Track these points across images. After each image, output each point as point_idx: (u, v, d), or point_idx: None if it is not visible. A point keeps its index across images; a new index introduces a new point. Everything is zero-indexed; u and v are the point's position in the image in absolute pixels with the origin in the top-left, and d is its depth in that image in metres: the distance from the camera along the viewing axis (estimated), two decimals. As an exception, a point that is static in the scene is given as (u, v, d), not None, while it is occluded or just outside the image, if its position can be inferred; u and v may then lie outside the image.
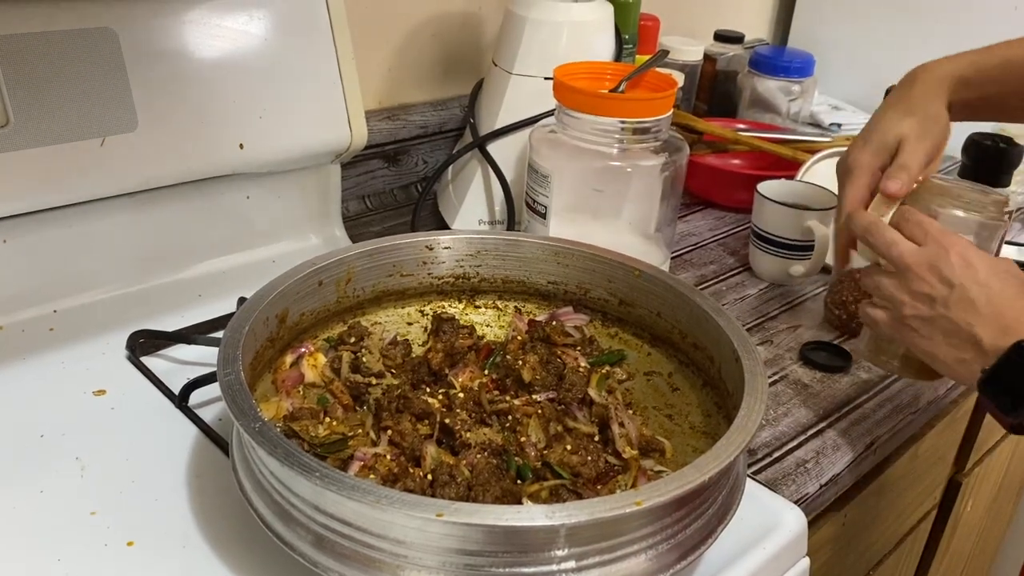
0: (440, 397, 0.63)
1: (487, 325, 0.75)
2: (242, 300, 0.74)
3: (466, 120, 1.03)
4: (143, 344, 0.74)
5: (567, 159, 0.84)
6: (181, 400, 0.67)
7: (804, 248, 0.91)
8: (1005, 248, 0.96)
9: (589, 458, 0.57)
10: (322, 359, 0.65)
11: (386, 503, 0.44)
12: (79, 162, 0.72)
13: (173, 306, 0.79)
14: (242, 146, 0.81)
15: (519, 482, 0.56)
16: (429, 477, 0.54)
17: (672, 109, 0.83)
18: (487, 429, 0.60)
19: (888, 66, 0.83)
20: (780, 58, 1.30)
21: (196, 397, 0.67)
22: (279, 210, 0.90)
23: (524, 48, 0.93)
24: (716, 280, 0.96)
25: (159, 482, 0.60)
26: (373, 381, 0.64)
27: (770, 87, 1.31)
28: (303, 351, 0.65)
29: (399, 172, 1.09)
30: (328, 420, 0.60)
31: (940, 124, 0.70)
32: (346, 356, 0.65)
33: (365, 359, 0.65)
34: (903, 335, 0.63)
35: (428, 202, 1.05)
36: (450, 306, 0.75)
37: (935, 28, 1.40)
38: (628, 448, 0.60)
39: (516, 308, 0.75)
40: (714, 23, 1.44)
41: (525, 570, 0.46)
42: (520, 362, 0.65)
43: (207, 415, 0.66)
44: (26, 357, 0.71)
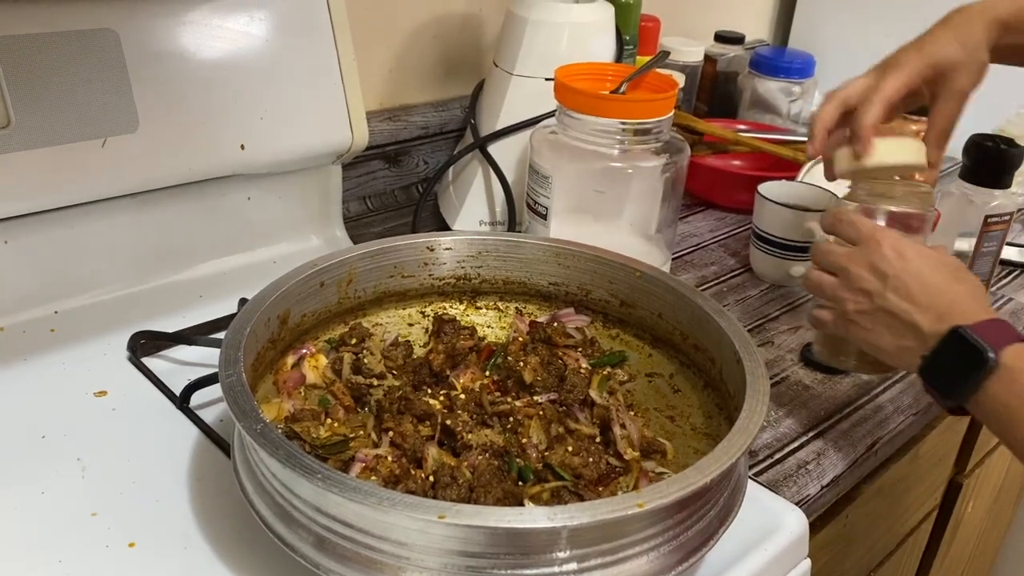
0: (441, 398, 0.63)
1: (488, 326, 0.75)
2: (243, 301, 0.75)
3: (467, 121, 1.03)
4: (144, 345, 0.74)
5: (568, 160, 0.84)
6: (182, 401, 0.67)
7: (805, 249, 0.91)
8: (1006, 249, 0.96)
9: (591, 459, 0.57)
10: (323, 360, 0.65)
11: (388, 505, 0.44)
12: (80, 163, 0.72)
13: (174, 307, 0.79)
14: (243, 147, 0.81)
15: (520, 484, 0.56)
16: (431, 479, 0.54)
17: (673, 110, 0.83)
18: (488, 430, 0.59)
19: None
20: (780, 59, 1.30)
21: (197, 398, 0.67)
22: (280, 211, 0.90)
23: (525, 49, 0.93)
24: (717, 281, 0.96)
25: (160, 483, 0.60)
26: (374, 382, 0.64)
27: (771, 88, 1.31)
28: (304, 352, 0.65)
29: (400, 173, 1.09)
30: (329, 421, 0.60)
31: (982, 70, 0.70)
32: (347, 357, 0.65)
33: (366, 360, 0.65)
34: (850, 331, 0.65)
35: (429, 203, 1.05)
36: (451, 307, 0.75)
37: (936, 29, 1.40)
38: (630, 449, 0.60)
39: (517, 309, 0.75)
40: (714, 24, 1.44)
41: (527, 572, 0.46)
42: (521, 363, 0.65)
43: (208, 416, 0.66)
44: (27, 358, 0.71)
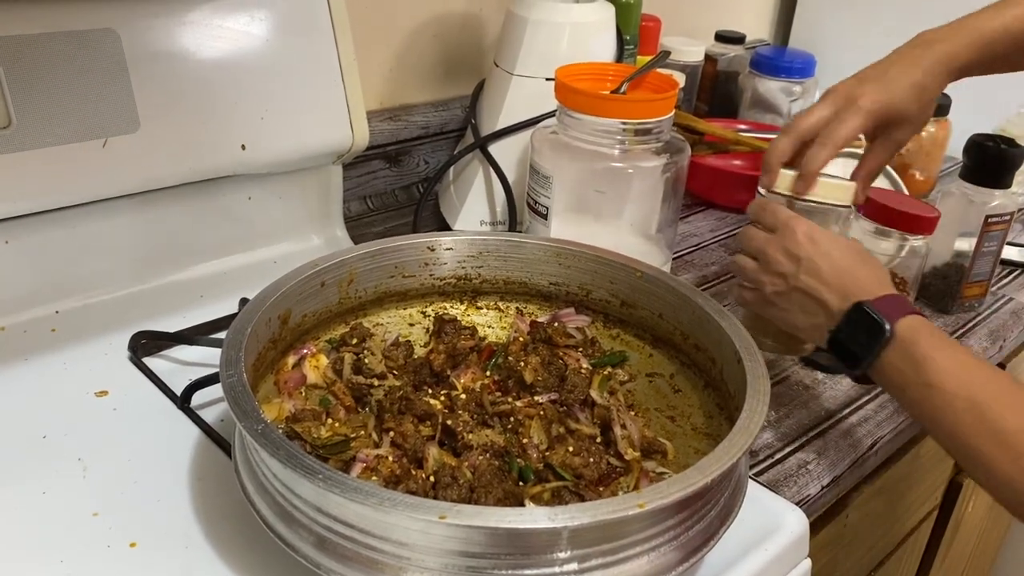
0: (442, 398, 0.63)
1: (489, 326, 0.75)
2: (244, 301, 0.75)
3: (467, 121, 1.03)
4: (145, 345, 0.74)
5: (568, 160, 0.84)
6: (183, 401, 0.67)
7: (805, 249, 0.91)
8: (1006, 248, 0.96)
9: (591, 459, 0.57)
10: (324, 360, 0.65)
11: (389, 505, 0.44)
12: (81, 163, 0.72)
13: (175, 307, 0.79)
14: (244, 147, 0.81)
15: (521, 484, 0.56)
16: (431, 479, 0.54)
17: (673, 110, 0.83)
18: (489, 430, 0.59)
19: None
20: (781, 59, 1.30)
21: (198, 398, 0.67)
22: (281, 211, 0.90)
23: (525, 49, 0.93)
24: (718, 281, 0.96)
25: (161, 483, 0.60)
26: (375, 382, 0.64)
27: (771, 88, 1.31)
28: (305, 352, 0.65)
29: (400, 173, 1.10)
30: (330, 421, 0.60)
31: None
32: (348, 357, 0.65)
33: (367, 360, 0.65)
34: (768, 311, 0.70)
35: (429, 203, 1.05)
36: (452, 307, 0.75)
37: (936, 29, 1.40)
38: (630, 450, 0.60)
39: (518, 309, 0.75)
40: (715, 24, 1.44)
41: (527, 572, 0.46)
42: (522, 363, 0.65)
43: (209, 416, 0.66)
44: (28, 358, 0.72)
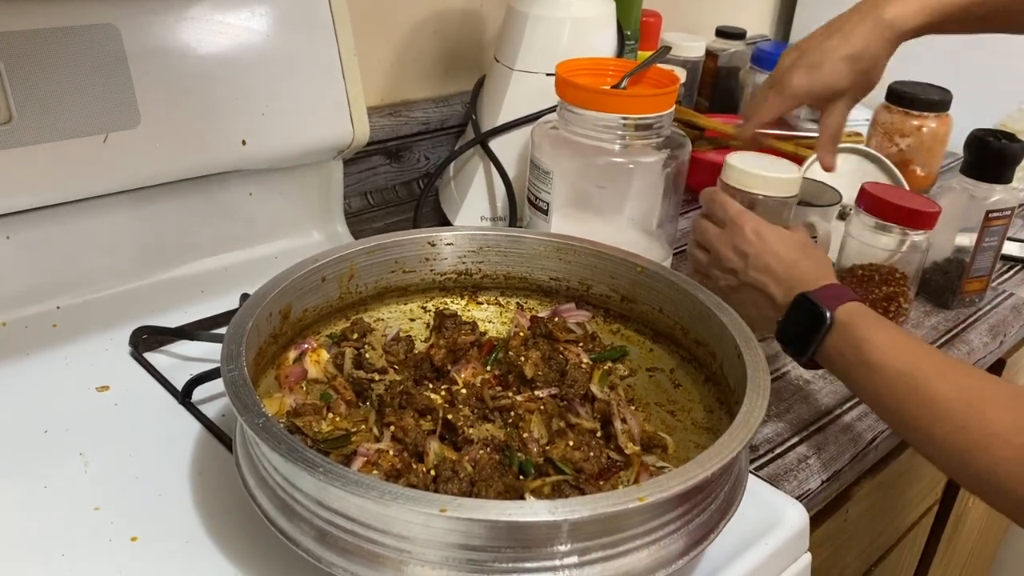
0: (443, 393, 0.63)
1: (489, 321, 0.75)
2: (245, 296, 0.75)
3: (468, 116, 1.03)
4: (146, 340, 0.74)
5: (569, 155, 0.84)
6: (184, 396, 0.67)
7: (806, 244, 0.91)
8: (1007, 244, 0.96)
9: (591, 454, 0.58)
10: (325, 355, 0.65)
11: (390, 499, 0.44)
12: (82, 158, 0.72)
13: (175, 302, 0.79)
14: (245, 142, 0.81)
15: (521, 478, 0.56)
16: (432, 473, 0.54)
17: (674, 105, 0.83)
18: (489, 425, 0.60)
19: (890, 63, 0.83)
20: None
21: (199, 393, 0.67)
22: (281, 206, 0.90)
23: (526, 44, 0.93)
24: (718, 276, 0.96)
25: (163, 478, 0.60)
26: (376, 377, 0.64)
27: (772, 83, 1.30)
28: (306, 347, 0.65)
29: (401, 168, 1.10)
30: (331, 416, 0.60)
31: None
32: (349, 352, 0.65)
33: (368, 355, 0.65)
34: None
35: (430, 199, 1.05)
36: (452, 302, 0.75)
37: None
38: (630, 444, 0.60)
39: (518, 304, 0.75)
40: (716, 19, 1.44)
41: (528, 565, 0.46)
42: (522, 358, 0.65)
43: (210, 411, 0.66)
44: (29, 353, 0.72)
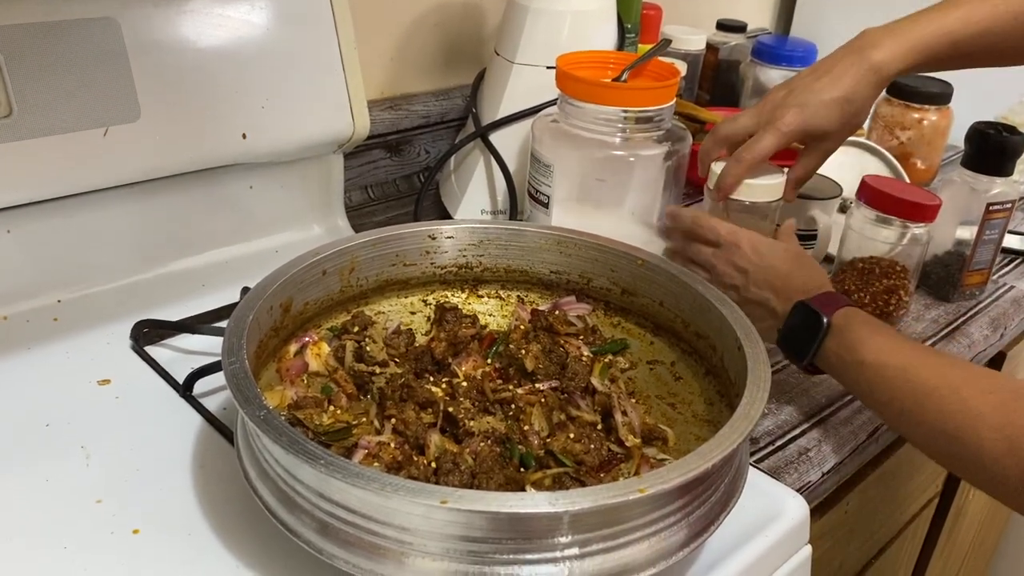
0: (443, 386, 0.63)
1: (490, 315, 0.75)
2: (245, 290, 0.75)
3: (468, 110, 1.03)
4: (147, 334, 0.74)
5: (569, 149, 0.83)
6: (185, 389, 0.67)
7: (807, 237, 0.91)
8: (1008, 237, 0.96)
9: (592, 446, 0.58)
10: (326, 348, 0.65)
11: (391, 490, 0.44)
12: (82, 152, 0.72)
13: (176, 296, 0.79)
14: (245, 136, 0.81)
15: (522, 470, 0.56)
16: (433, 465, 0.54)
17: (674, 98, 0.83)
18: (490, 418, 0.60)
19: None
20: (783, 47, 1.30)
21: (200, 386, 0.68)
22: (282, 200, 0.90)
23: (526, 37, 0.93)
24: (718, 270, 0.96)
25: (164, 470, 0.60)
26: (377, 370, 0.64)
27: (773, 76, 1.30)
28: (307, 340, 0.65)
29: (401, 162, 1.09)
30: (332, 409, 0.60)
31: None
32: (350, 345, 0.65)
33: (369, 348, 0.65)
34: None
35: (430, 192, 1.05)
36: (453, 295, 0.75)
37: (938, 17, 1.39)
38: (631, 436, 0.60)
39: (519, 297, 0.76)
40: (716, 12, 1.44)
41: (529, 557, 0.46)
42: (523, 351, 0.65)
43: (211, 404, 0.67)
44: (31, 347, 0.72)
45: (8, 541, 0.54)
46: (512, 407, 0.61)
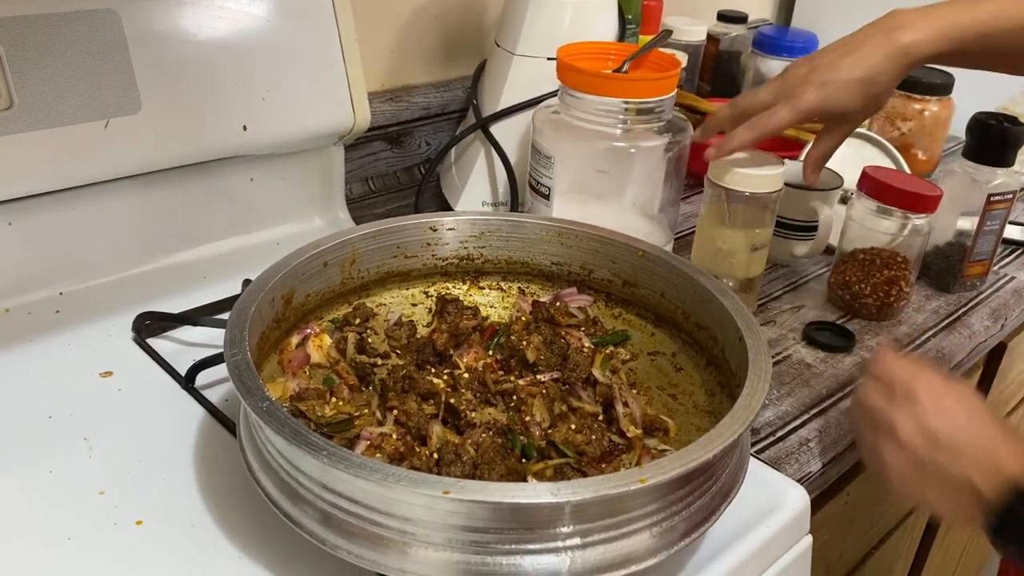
0: (445, 377, 0.63)
1: (491, 306, 0.75)
2: (247, 282, 0.75)
3: (469, 101, 1.03)
4: (149, 326, 0.74)
5: (570, 140, 0.83)
6: (187, 381, 0.67)
7: (807, 229, 0.91)
8: (1008, 228, 0.96)
9: (593, 437, 0.58)
10: (328, 340, 0.65)
11: (393, 481, 0.44)
12: (83, 144, 0.72)
13: (178, 288, 0.80)
14: (246, 128, 0.81)
15: (524, 461, 0.56)
16: (435, 456, 0.55)
17: (675, 89, 0.83)
18: (492, 409, 0.60)
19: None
20: (783, 38, 1.30)
21: (202, 379, 0.68)
22: (283, 192, 0.90)
23: (527, 29, 0.93)
24: (719, 261, 0.96)
25: (167, 462, 0.60)
26: (379, 362, 0.64)
27: (774, 67, 1.30)
28: (309, 332, 0.65)
29: (402, 154, 1.09)
30: (334, 400, 0.60)
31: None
32: (351, 337, 0.65)
33: (370, 340, 0.66)
34: (896, 485, 0.60)
35: (431, 184, 1.05)
36: (454, 287, 0.75)
37: (939, 7, 1.39)
38: (632, 427, 0.60)
39: (520, 289, 0.76)
40: (717, 3, 1.44)
41: (531, 547, 0.46)
42: (524, 343, 0.65)
43: (213, 396, 0.67)
44: (33, 339, 0.72)
45: (12, 533, 0.54)
46: (513, 398, 0.61)
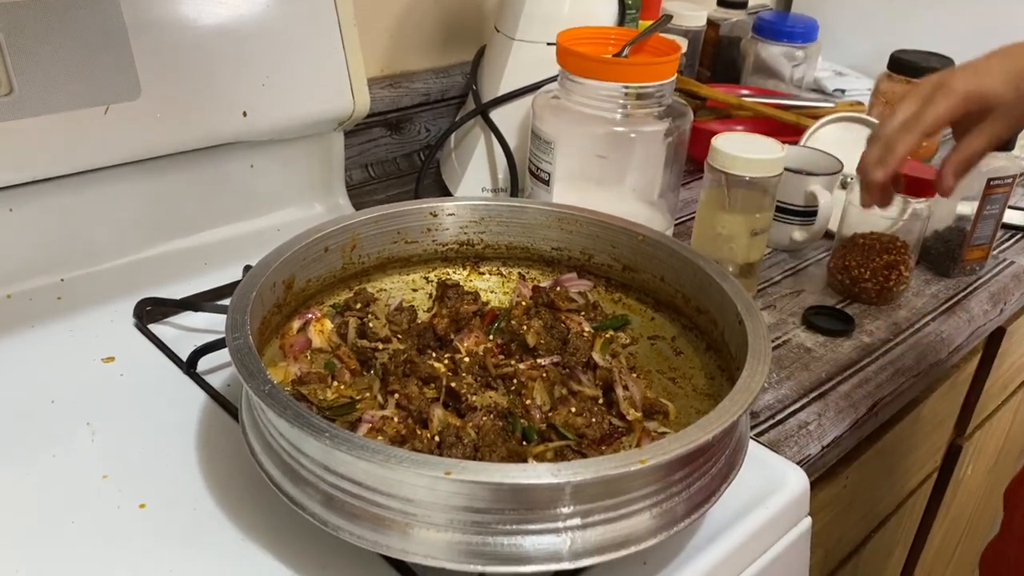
0: (446, 362, 0.63)
1: (491, 291, 0.75)
2: (248, 268, 0.75)
3: (468, 87, 1.03)
4: (150, 312, 0.74)
5: (570, 125, 0.83)
6: (189, 366, 0.68)
7: (807, 214, 0.91)
8: (1008, 212, 0.96)
9: (593, 420, 0.58)
10: (329, 325, 0.65)
11: (395, 462, 0.45)
12: (83, 130, 0.72)
13: (179, 274, 0.80)
14: (245, 114, 0.81)
15: (524, 443, 0.57)
16: (436, 439, 0.55)
17: (675, 74, 0.83)
18: (492, 392, 0.60)
19: (892, 32, 0.83)
20: (784, 23, 1.30)
21: (204, 364, 0.68)
22: (283, 178, 0.90)
23: (527, 14, 0.93)
24: (719, 246, 0.96)
25: (169, 446, 0.61)
26: (380, 346, 0.65)
27: (774, 53, 1.30)
28: (310, 317, 0.65)
29: (402, 140, 1.09)
30: (336, 384, 0.60)
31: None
32: (352, 322, 0.66)
33: (371, 325, 0.66)
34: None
35: (431, 170, 1.05)
36: (455, 272, 0.76)
37: (940, -8, 1.39)
38: (632, 410, 0.60)
39: (520, 274, 0.76)
40: (717, -11, 1.43)
41: (531, 527, 0.46)
42: (524, 327, 0.65)
43: (215, 381, 0.67)
44: (34, 325, 0.72)
45: (16, 517, 0.54)
46: (514, 382, 0.61)
